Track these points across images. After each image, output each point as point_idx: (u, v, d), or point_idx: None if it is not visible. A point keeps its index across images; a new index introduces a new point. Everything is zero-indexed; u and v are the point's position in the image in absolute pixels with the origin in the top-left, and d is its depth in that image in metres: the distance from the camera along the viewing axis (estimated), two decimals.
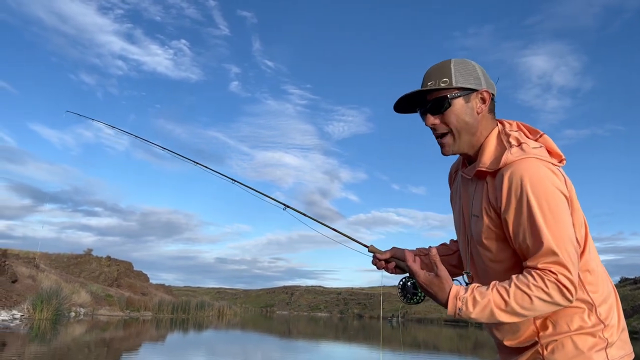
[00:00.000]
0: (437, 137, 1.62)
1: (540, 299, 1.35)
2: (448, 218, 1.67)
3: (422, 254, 1.84)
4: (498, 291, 1.39)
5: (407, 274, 1.69)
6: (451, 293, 1.44)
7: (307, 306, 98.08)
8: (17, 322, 18.29)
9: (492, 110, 1.60)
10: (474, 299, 1.40)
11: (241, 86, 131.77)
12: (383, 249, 1.85)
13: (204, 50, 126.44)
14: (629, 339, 1.52)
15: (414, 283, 1.65)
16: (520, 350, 1.53)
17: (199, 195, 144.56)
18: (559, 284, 1.34)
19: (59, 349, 11.77)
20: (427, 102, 1.59)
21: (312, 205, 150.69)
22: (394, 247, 1.87)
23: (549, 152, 1.52)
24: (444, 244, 1.96)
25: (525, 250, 1.42)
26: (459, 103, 1.54)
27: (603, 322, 1.45)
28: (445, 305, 1.45)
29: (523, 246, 1.42)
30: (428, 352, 17.72)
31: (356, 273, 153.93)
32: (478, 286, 1.44)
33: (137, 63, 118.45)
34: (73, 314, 24.94)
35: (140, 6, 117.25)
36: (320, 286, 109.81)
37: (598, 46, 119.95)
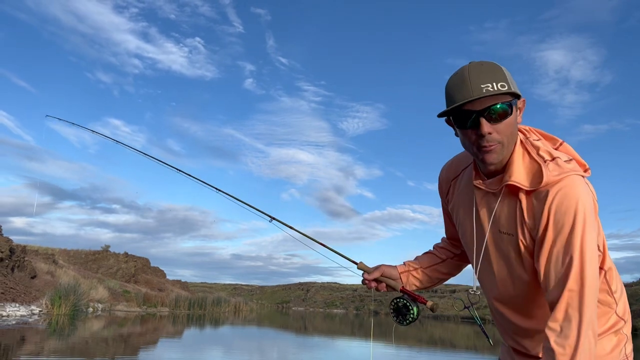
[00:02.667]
0: (485, 143, 1.43)
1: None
2: None
3: (412, 268, 1.82)
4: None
5: (400, 294, 1.70)
6: None
7: (323, 302, 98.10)
8: (36, 317, 18.45)
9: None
10: None
11: (256, 83, 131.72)
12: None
13: (219, 48, 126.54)
14: None
15: (405, 303, 1.65)
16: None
17: (215, 193, 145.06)
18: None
19: (77, 344, 11.81)
20: (481, 106, 1.39)
21: (327, 202, 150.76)
22: (382, 265, 1.83)
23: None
24: (429, 253, 1.91)
25: (553, 274, 1.36)
26: (513, 110, 1.42)
27: (623, 319, 1.46)
28: None
29: (553, 270, 1.35)
30: (444, 350, 17.55)
31: None
32: None
33: (152, 61, 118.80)
34: (91, 309, 25.14)
35: (155, 4, 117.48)
36: (335, 283, 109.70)
37: (617, 39, 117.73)
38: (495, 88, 1.37)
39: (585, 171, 1.44)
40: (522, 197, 1.42)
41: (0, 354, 9.20)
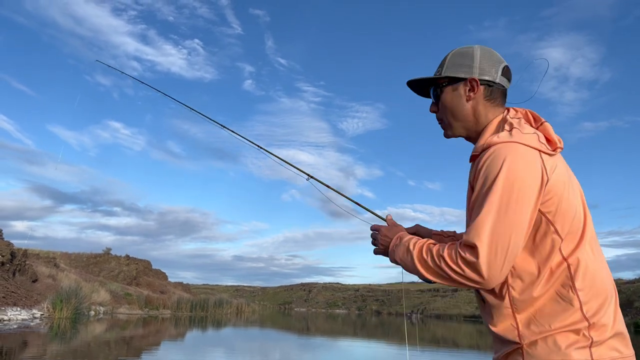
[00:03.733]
0: (439, 123, 1.70)
1: (445, 269, 1.37)
2: (464, 213, 1.58)
3: (446, 235, 1.85)
4: (428, 245, 1.44)
5: None
6: (398, 234, 1.60)
7: (325, 303, 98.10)
8: (37, 321, 18.44)
9: (491, 97, 1.58)
10: (408, 241, 1.51)
11: (255, 85, 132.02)
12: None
13: (218, 50, 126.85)
14: (628, 342, 1.41)
15: None
16: (504, 342, 1.46)
17: (216, 194, 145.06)
18: (464, 269, 1.34)
19: (79, 348, 11.80)
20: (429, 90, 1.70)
21: (328, 202, 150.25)
22: (417, 225, 1.89)
23: (547, 140, 1.47)
24: (439, 233, 1.91)
25: (468, 222, 1.47)
26: (447, 91, 1.61)
27: (588, 320, 1.36)
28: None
29: (470, 218, 1.41)
30: (448, 349, 17.54)
31: (373, 269, 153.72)
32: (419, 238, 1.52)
33: (151, 63, 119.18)
34: (92, 312, 25.13)
35: (154, 7, 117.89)
36: (337, 283, 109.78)
37: (615, 37, 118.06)
38: (434, 74, 1.64)
39: (554, 150, 1.45)
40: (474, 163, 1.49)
41: (3, 358, 9.19)
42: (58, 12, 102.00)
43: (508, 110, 1.60)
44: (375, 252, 1.72)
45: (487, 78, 1.57)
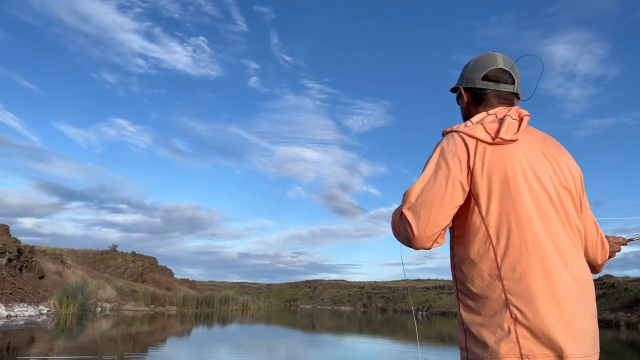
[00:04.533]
0: None
1: (398, 222, 1.59)
2: None
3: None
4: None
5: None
6: None
7: (331, 300, 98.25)
8: (44, 317, 18.55)
9: (478, 101, 1.75)
10: None
11: (260, 82, 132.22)
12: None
13: (223, 47, 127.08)
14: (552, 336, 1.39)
15: None
16: None
17: (222, 192, 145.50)
18: (402, 218, 1.55)
19: (86, 344, 11.86)
20: None
21: (333, 199, 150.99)
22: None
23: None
24: None
25: None
26: (458, 100, 1.87)
27: (507, 297, 1.43)
28: None
29: None
30: (454, 346, 17.53)
31: (378, 267, 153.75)
32: None
33: (157, 61, 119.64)
34: (99, 309, 25.25)
35: (159, 4, 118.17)
36: (343, 280, 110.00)
37: (622, 33, 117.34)
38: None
39: (494, 139, 1.54)
40: None
41: (10, 354, 9.25)
42: (64, 10, 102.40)
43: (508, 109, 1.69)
44: None
45: (470, 86, 1.77)
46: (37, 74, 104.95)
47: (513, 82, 1.73)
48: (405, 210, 1.52)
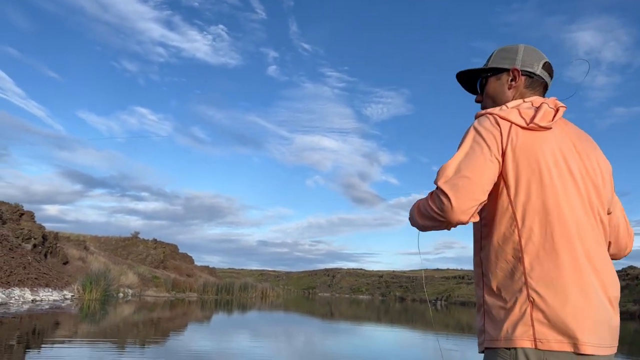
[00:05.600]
0: None
1: (427, 204, 1.56)
2: None
3: None
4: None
5: None
6: None
7: (349, 288, 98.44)
8: (68, 302, 18.92)
9: (530, 87, 1.75)
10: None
11: (279, 70, 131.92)
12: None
13: (242, 35, 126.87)
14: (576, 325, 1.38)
15: None
16: None
17: (241, 180, 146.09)
18: (434, 195, 1.53)
19: (109, 328, 12.09)
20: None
21: (352, 188, 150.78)
22: None
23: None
24: None
25: None
26: (491, 81, 1.80)
27: (528, 281, 1.44)
28: None
29: None
30: (473, 335, 17.50)
31: (397, 256, 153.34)
32: None
33: (177, 49, 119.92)
34: (121, 294, 25.66)
35: None
36: (361, 269, 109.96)
37: None
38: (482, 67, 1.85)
39: (528, 124, 1.55)
40: None
41: (37, 337, 9.47)
42: None
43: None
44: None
45: (528, 69, 1.74)
46: (60, 62, 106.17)
47: (552, 79, 1.80)
48: (441, 184, 1.49)
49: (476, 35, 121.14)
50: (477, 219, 1.52)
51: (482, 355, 1.53)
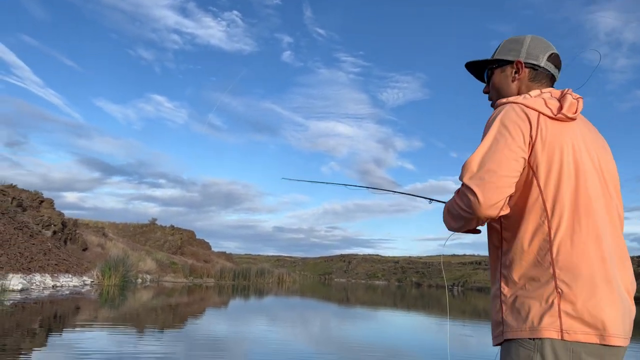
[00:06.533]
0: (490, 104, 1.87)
1: (454, 203, 1.57)
2: None
3: None
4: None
5: None
6: None
7: (365, 274, 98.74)
8: (88, 287, 19.20)
9: (535, 79, 1.73)
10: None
11: (294, 56, 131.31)
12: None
13: (256, 21, 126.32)
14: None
15: None
16: None
17: (256, 167, 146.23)
18: (460, 193, 1.53)
19: (128, 313, 12.26)
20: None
21: (367, 174, 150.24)
22: None
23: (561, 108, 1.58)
24: None
25: None
26: (496, 73, 1.80)
27: (554, 270, 1.44)
28: None
29: None
30: (489, 321, 17.49)
31: (413, 242, 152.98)
32: None
33: (191, 36, 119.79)
34: (139, 280, 25.98)
35: None
36: (377, 255, 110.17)
37: None
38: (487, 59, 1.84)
39: (556, 114, 1.53)
40: None
41: (58, 322, 9.64)
42: None
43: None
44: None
45: (532, 61, 1.73)
46: (76, 51, 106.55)
47: (559, 70, 1.78)
48: (467, 181, 1.49)
49: (494, 18, 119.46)
50: (507, 211, 1.51)
51: (499, 348, 1.54)
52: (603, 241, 1.45)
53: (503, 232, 1.58)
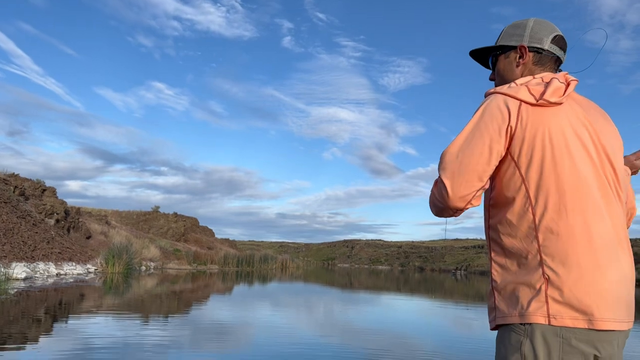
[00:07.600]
0: None
1: (432, 191, 1.62)
2: None
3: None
4: None
5: None
6: None
7: (368, 259, 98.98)
8: (92, 275, 19.28)
9: (539, 63, 1.71)
10: None
11: (294, 41, 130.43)
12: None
13: (256, 6, 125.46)
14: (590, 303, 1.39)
15: None
16: None
17: (258, 153, 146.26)
18: (437, 182, 1.58)
19: (132, 300, 12.30)
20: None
21: (369, 160, 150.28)
22: None
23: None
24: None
25: None
26: (500, 59, 1.78)
27: (542, 257, 1.45)
28: None
29: None
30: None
31: (416, 227, 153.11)
32: None
33: (191, 23, 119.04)
34: (143, 267, 26.08)
35: None
36: (380, 240, 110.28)
37: None
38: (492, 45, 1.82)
39: (538, 100, 1.52)
40: None
41: (63, 309, 9.68)
42: None
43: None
44: None
45: (536, 45, 1.71)
46: (76, 39, 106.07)
47: (565, 52, 1.77)
48: (440, 172, 1.55)
49: (496, 1, 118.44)
50: (476, 204, 1.56)
51: (496, 332, 1.56)
52: (593, 225, 1.44)
53: (490, 220, 1.61)
